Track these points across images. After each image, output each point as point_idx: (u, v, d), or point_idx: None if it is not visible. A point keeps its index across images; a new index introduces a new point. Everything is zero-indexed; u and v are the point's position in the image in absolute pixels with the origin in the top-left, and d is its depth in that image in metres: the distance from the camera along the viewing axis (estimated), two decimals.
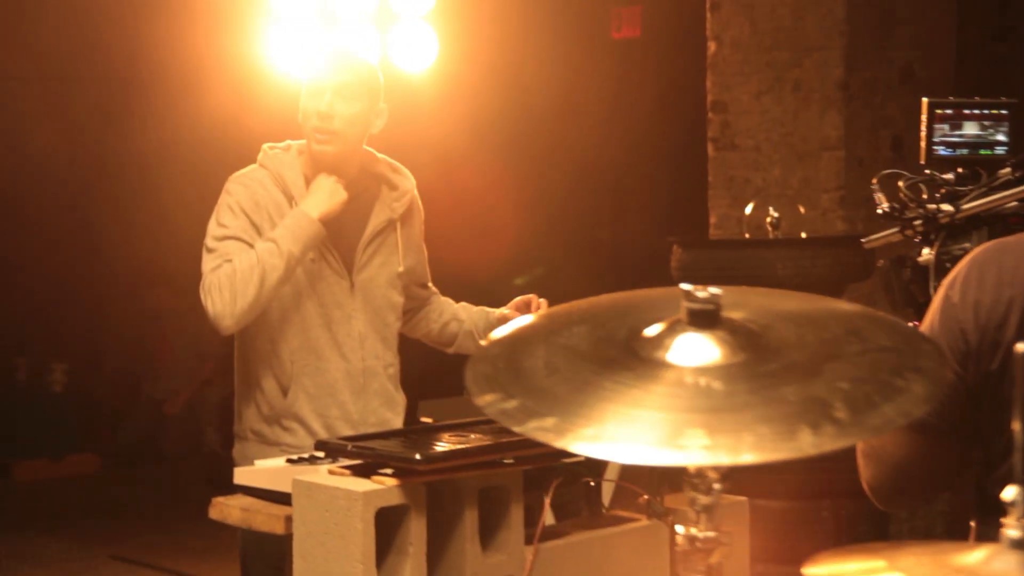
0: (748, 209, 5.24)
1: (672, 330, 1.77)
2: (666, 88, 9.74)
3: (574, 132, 9.80)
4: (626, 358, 1.76)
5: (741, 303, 1.82)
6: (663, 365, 1.74)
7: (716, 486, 1.77)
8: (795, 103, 6.37)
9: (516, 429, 1.68)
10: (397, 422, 3.97)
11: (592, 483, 3.44)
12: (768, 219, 5.11)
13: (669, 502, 3.53)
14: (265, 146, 3.93)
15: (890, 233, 2.71)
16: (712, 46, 6.67)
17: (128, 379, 10.29)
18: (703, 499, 1.78)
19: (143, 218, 9.97)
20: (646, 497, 3.50)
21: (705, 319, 1.76)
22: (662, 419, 1.65)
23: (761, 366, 1.72)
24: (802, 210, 5.23)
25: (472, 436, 3.25)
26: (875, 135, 6.34)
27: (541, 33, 9.89)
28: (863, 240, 2.82)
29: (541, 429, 1.66)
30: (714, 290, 1.75)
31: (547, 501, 3.20)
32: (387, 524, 3.01)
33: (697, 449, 1.60)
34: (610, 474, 3.54)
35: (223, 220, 3.78)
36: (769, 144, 6.47)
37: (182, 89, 9.36)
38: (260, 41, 7.73)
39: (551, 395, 1.71)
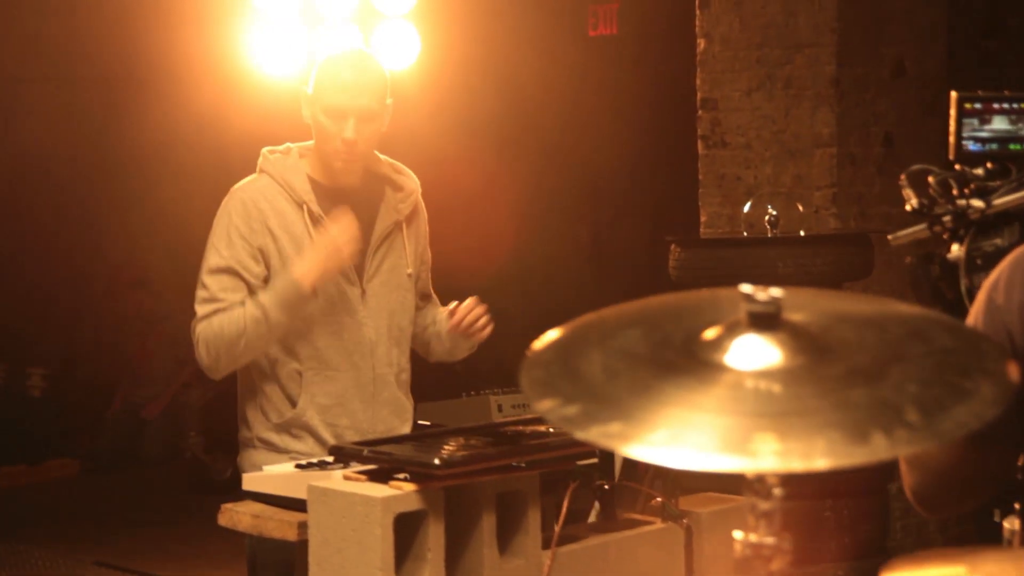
0: (746, 207, 5.21)
1: (731, 332, 1.73)
2: (646, 85, 9.74)
3: (555, 129, 9.80)
4: (686, 361, 1.71)
5: (798, 304, 1.78)
6: (724, 368, 1.69)
7: (776, 491, 1.73)
8: (786, 100, 6.34)
9: (579, 435, 1.63)
10: (404, 429, 3.91)
11: (606, 487, 3.41)
12: (766, 217, 5.07)
13: (684, 504, 3.51)
14: (265, 151, 3.86)
15: (918, 229, 2.68)
16: (701, 43, 6.63)
17: (106, 383, 10.19)
18: (763, 504, 1.74)
19: (121, 221, 9.88)
20: (659, 500, 3.48)
21: (765, 321, 1.71)
22: (730, 424, 1.61)
23: (825, 369, 1.68)
24: (800, 208, 5.20)
25: (486, 440, 3.21)
26: (867, 132, 6.31)
27: (520, 31, 9.87)
28: (889, 236, 2.78)
29: (606, 435, 1.62)
30: (775, 292, 1.71)
31: (565, 505, 3.17)
32: (404, 530, 2.96)
33: (769, 455, 1.56)
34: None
35: (219, 247, 3.72)
36: (760, 142, 6.43)
37: (164, 91, 9.28)
38: (243, 40, 7.68)
39: (613, 400, 1.67)
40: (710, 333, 1.74)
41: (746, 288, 1.72)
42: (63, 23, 9.38)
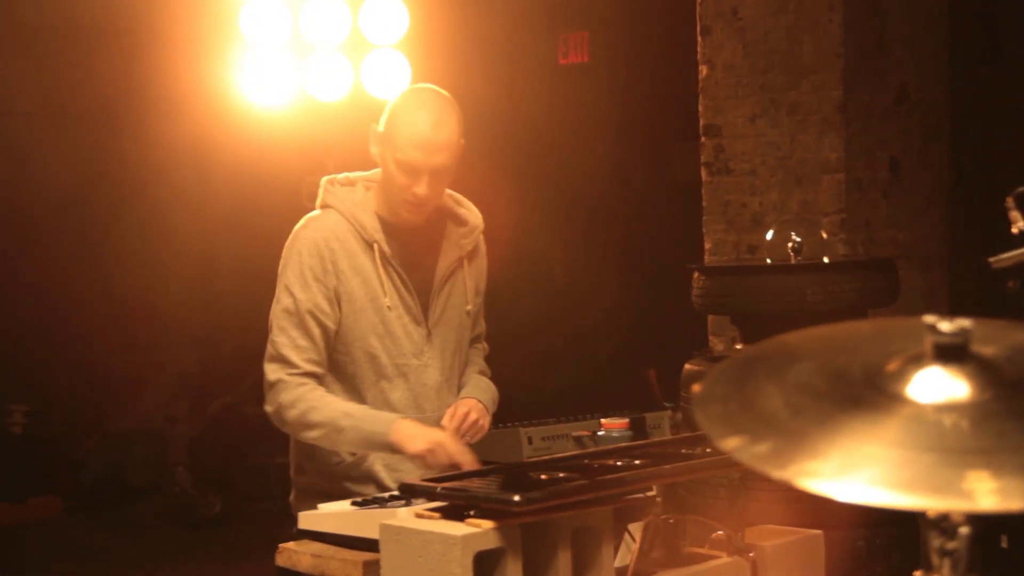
0: (769, 234, 5.16)
1: (913, 365, 1.67)
2: (617, 113, 9.77)
3: (529, 156, 9.81)
4: (870, 395, 1.65)
5: (982, 336, 1.73)
6: (911, 402, 1.64)
7: (963, 530, 1.67)
8: (792, 126, 6.31)
9: (775, 475, 1.57)
10: None
11: (672, 520, 3.34)
12: (789, 244, 5.02)
13: (748, 537, 3.45)
14: (325, 181, 3.74)
15: (1022, 252, 2.64)
16: (703, 70, 6.60)
17: (85, 420, 10.02)
18: (950, 544, 1.68)
19: (112, 251, 9.72)
20: (721, 533, 3.42)
21: (952, 354, 1.66)
22: (932, 461, 1.55)
23: (1020, 403, 1.63)
24: (824, 235, 5.15)
25: (557, 474, 3.13)
26: (873, 157, 6.30)
27: (495, 60, 9.88)
28: (991, 259, 2.73)
29: (803, 473, 1.55)
30: (964, 323, 1.65)
31: (639, 539, 3.11)
32: (478, 568, 2.89)
33: (987, 494, 1.50)
34: None
35: (293, 289, 3.61)
36: (765, 168, 6.40)
37: (158, 120, 9.15)
38: (233, 71, 7.61)
39: (802, 437, 1.60)
40: (892, 366, 1.68)
41: (931, 319, 1.67)
42: (48, 57, 9.26)
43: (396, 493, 3.43)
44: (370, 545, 3.15)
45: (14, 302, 9.81)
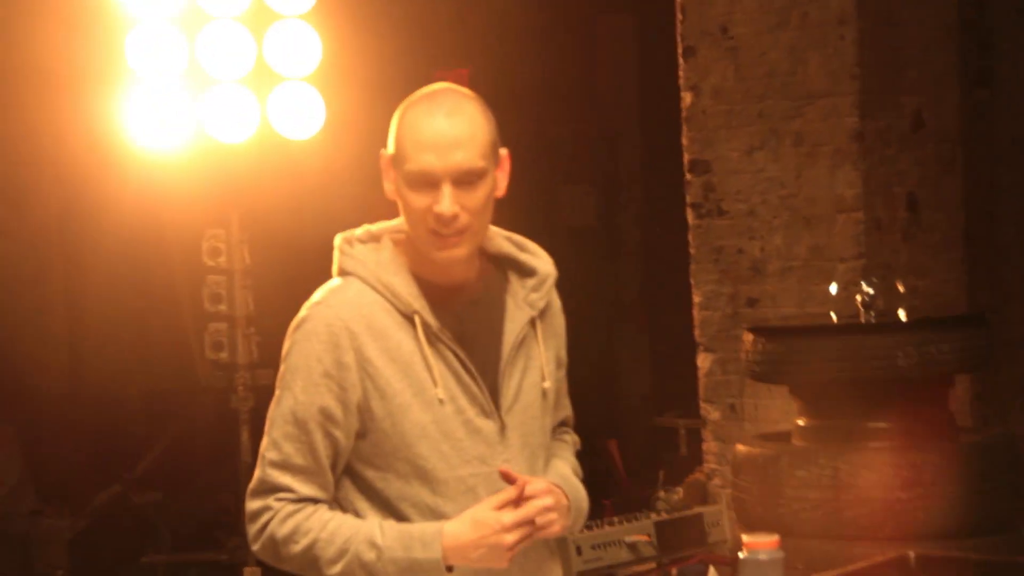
0: (833, 288, 4.31)
1: None
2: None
3: None
4: None
5: None
6: None
7: None
8: (797, 159, 5.48)
9: None
10: None
11: None
12: (859, 297, 4.18)
13: None
14: (341, 241, 2.70)
15: None
16: (687, 97, 5.74)
17: None
18: None
19: None
20: None
21: None
22: None
23: None
24: (901, 288, 4.30)
25: None
26: (891, 193, 5.50)
27: (378, 100, 8.99)
28: None
29: None
30: None
31: None
32: None
33: None
34: None
35: (295, 388, 2.57)
36: (766, 208, 5.56)
37: (25, 171, 7.96)
38: (120, 112, 6.54)
39: None
40: None
41: None
42: None
43: None
44: None
45: None
